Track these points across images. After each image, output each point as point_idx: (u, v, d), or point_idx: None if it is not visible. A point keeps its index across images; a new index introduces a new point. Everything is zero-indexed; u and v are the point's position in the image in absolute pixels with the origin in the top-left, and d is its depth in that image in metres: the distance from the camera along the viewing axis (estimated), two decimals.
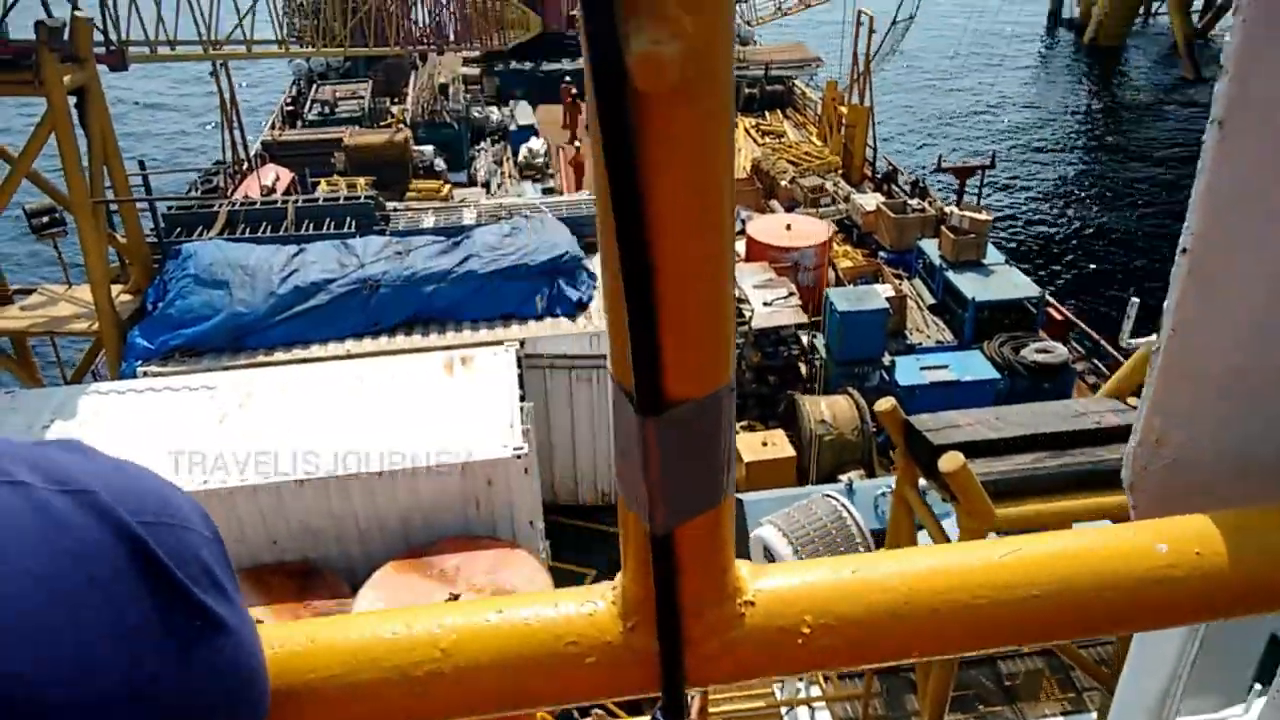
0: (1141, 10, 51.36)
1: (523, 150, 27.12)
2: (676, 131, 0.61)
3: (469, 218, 15.29)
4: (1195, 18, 50.37)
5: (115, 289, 13.34)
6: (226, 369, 12.03)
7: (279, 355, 12.58)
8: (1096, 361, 17.88)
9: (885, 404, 5.76)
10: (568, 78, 32.52)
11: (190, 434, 10.78)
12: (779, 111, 32.54)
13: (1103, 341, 18.03)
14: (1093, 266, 29.64)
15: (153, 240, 14.10)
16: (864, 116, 26.86)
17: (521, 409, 11.18)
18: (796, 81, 33.74)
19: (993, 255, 19.00)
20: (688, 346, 0.68)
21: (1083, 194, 34.90)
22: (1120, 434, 4.76)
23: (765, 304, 17.00)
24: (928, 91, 45.46)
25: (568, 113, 31.23)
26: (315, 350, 12.79)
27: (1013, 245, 29.47)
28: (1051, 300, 18.85)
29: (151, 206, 14.27)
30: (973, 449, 4.88)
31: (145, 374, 11.94)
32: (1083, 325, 18.67)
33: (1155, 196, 34.06)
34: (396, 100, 30.69)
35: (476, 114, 29.70)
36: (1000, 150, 35.97)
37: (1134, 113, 43.07)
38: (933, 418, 5.56)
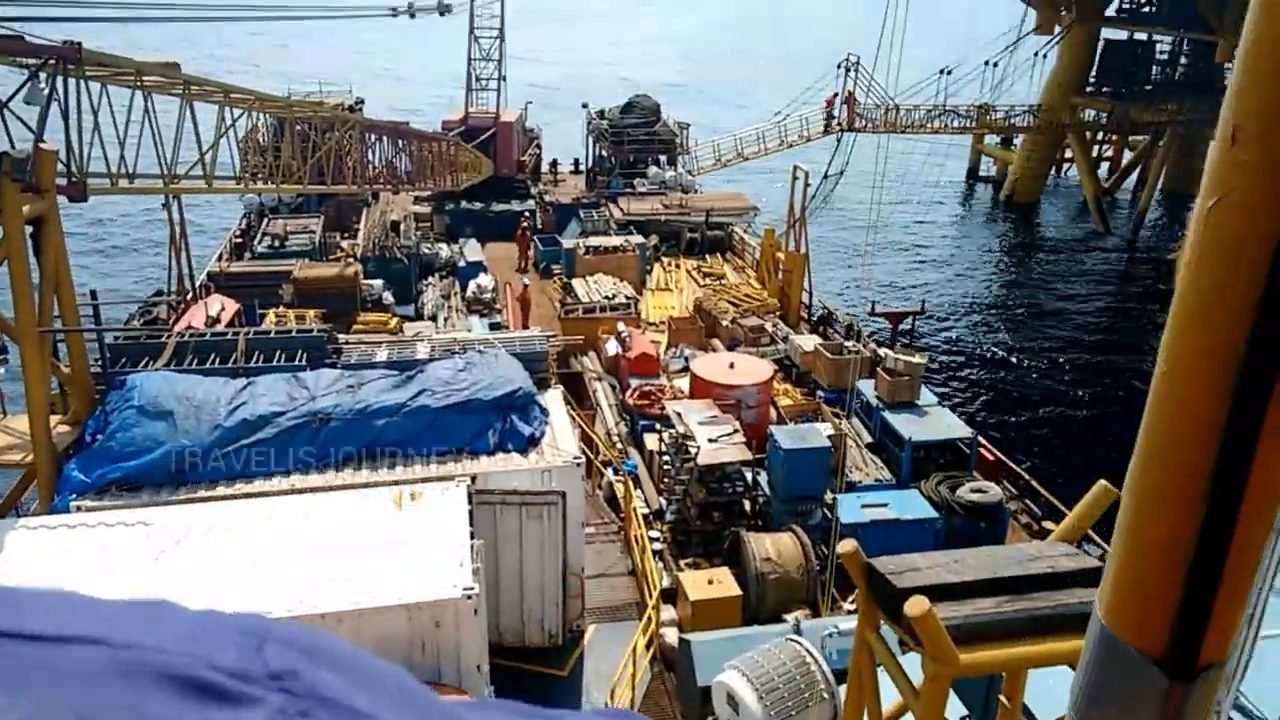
0: (1053, 170, 55.27)
1: (471, 286, 27.61)
2: None
3: (423, 352, 15.42)
4: (1104, 178, 54.43)
5: (53, 419, 13.03)
6: (166, 504, 11.73)
7: (222, 490, 12.31)
8: (1028, 502, 18.41)
9: (847, 546, 5.93)
10: (524, 215, 33.92)
11: (122, 572, 10.37)
12: (719, 255, 33.82)
13: (1033, 482, 18.62)
14: (1018, 409, 30.79)
15: (97, 370, 13.90)
16: (800, 263, 28.11)
17: (472, 547, 11.06)
18: (736, 228, 35.23)
19: (926, 397, 19.69)
20: (1235, 605, 0.70)
21: (1006, 340, 36.57)
22: (1075, 578, 4.99)
23: (710, 440, 17.27)
24: (859, 239, 47.75)
25: (521, 248, 32.29)
26: (260, 485, 12.56)
27: (944, 388, 30.57)
28: (983, 441, 19.49)
29: (99, 336, 14.14)
30: (935, 592, 5.06)
31: (79, 509, 11.57)
32: (1014, 466, 19.28)
33: (1073, 343, 35.85)
34: (347, 235, 31.20)
35: (426, 250, 30.31)
36: (929, 297, 37.76)
37: (1050, 264, 45.73)
38: (894, 560, 5.74)
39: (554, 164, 43.48)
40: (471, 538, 11.16)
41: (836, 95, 40.81)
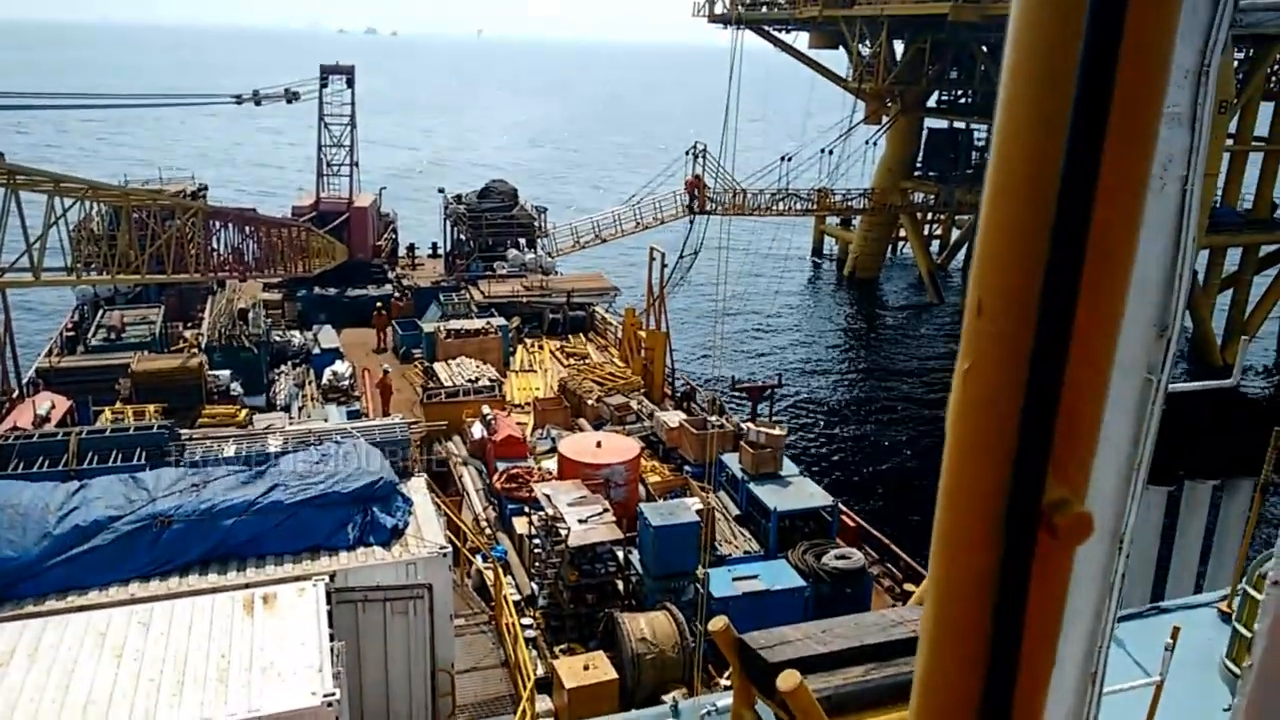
0: (890, 248, 58.91)
1: (327, 373, 26.74)
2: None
3: (274, 444, 14.75)
4: (935, 253, 58.36)
5: None
6: None
7: (51, 604, 11.28)
8: (889, 565, 19.07)
9: (718, 624, 5.99)
10: (379, 302, 33.32)
11: None
12: (582, 335, 34.12)
13: (892, 545, 19.33)
14: (872, 473, 32.08)
15: None
16: (661, 341, 28.68)
17: (332, 649, 10.51)
18: (597, 307, 35.71)
19: (789, 467, 20.26)
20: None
21: (857, 407, 38.24)
22: None
23: (580, 521, 17.14)
24: (714, 315, 49.25)
25: (379, 332, 31.76)
26: (94, 596, 11.59)
27: (804, 457, 31.55)
28: (843, 508, 20.15)
29: None
30: (806, 664, 5.16)
31: None
32: (874, 532, 19.98)
33: (918, 407, 37.81)
34: (191, 324, 29.77)
35: (277, 337, 29.23)
36: (784, 369, 39.16)
37: (893, 334, 48.38)
38: (765, 634, 5.83)
39: (411, 248, 43.12)
40: (332, 639, 10.61)
41: (694, 176, 42.47)
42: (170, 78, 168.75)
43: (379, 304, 33.38)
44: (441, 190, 44.10)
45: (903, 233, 58.42)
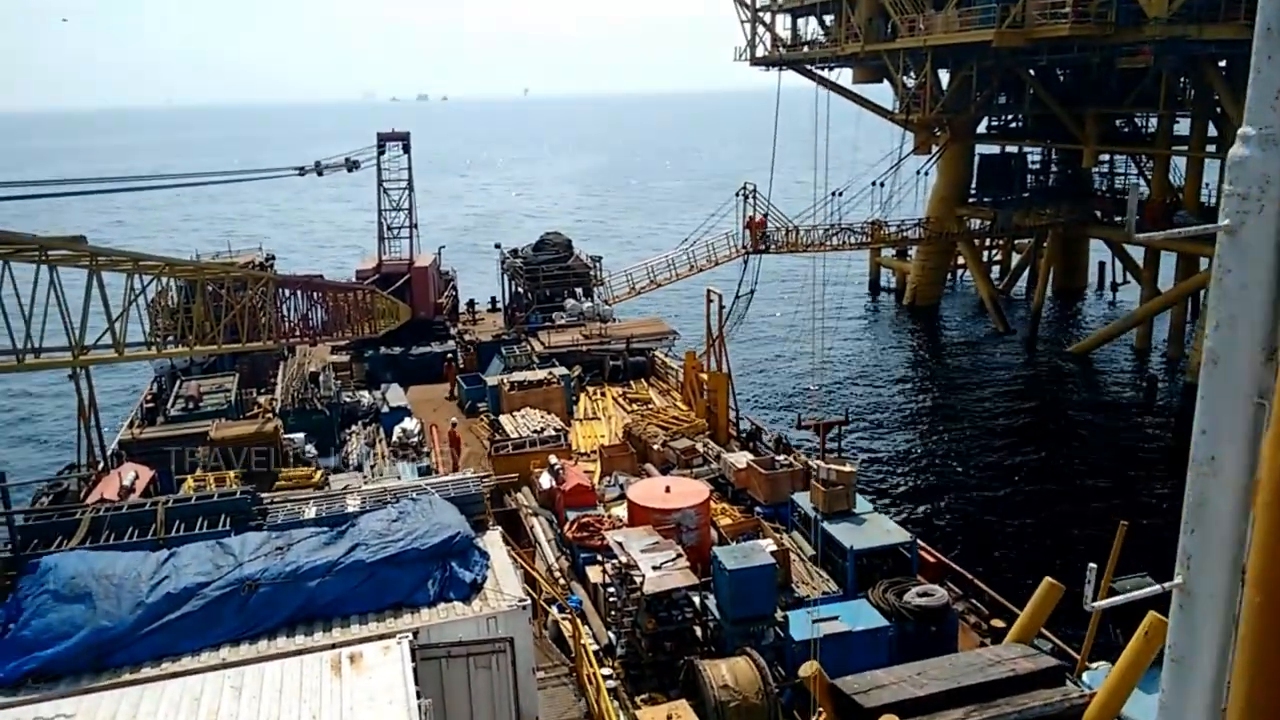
0: (949, 275, 58.11)
1: (396, 431, 27.21)
2: None
3: (353, 504, 15.02)
4: (996, 279, 57.41)
5: None
6: (86, 693, 10.95)
7: (147, 671, 11.55)
8: (974, 601, 18.53)
9: (810, 668, 5.90)
10: (449, 355, 34.60)
11: None
12: (643, 380, 34.21)
13: (976, 581, 18.80)
14: (947, 508, 31.35)
15: (7, 555, 13.12)
16: (723, 382, 28.59)
17: (419, 707, 10.57)
18: (656, 352, 35.81)
19: (861, 504, 19.92)
20: None
21: (927, 440, 37.53)
22: (1036, 679, 5.04)
23: (654, 568, 17.03)
24: (775, 353, 49.00)
25: (451, 383, 33.15)
26: (187, 662, 11.85)
27: (877, 493, 31.02)
28: (922, 544, 19.70)
29: (8, 518, 13.41)
30: (903, 708, 5.05)
31: None
32: (956, 567, 19.47)
33: (989, 438, 36.96)
34: (264, 390, 30.61)
35: (347, 399, 29.89)
36: (850, 404, 38.71)
37: (958, 363, 47.51)
38: (857, 679, 5.73)
39: (471, 304, 43.89)
40: (418, 697, 10.67)
41: (755, 217, 42.63)
42: (238, 154, 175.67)
43: (449, 356, 34.64)
44: (498, 245, 44.92)
45: (961, 260, 57.64)
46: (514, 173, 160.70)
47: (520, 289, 41.46)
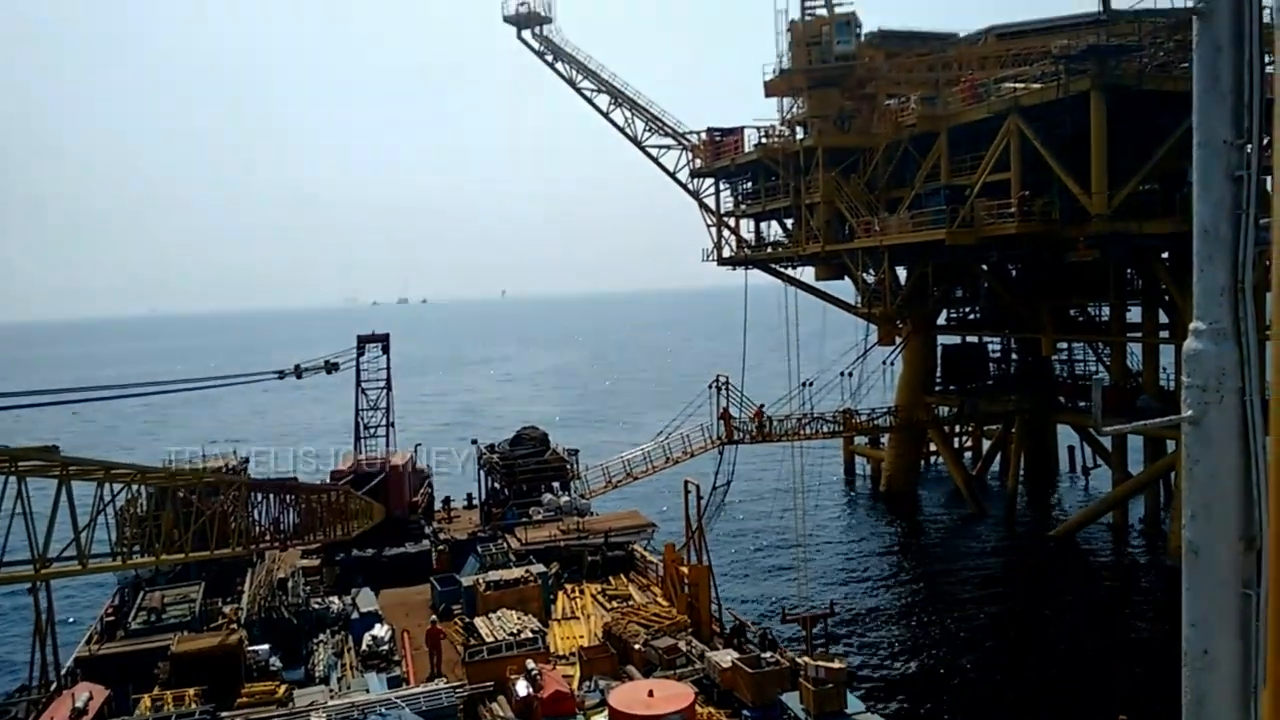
0: (922, 461, 58.56)
1: (366, 639, 26.10)
2: None
3: None
4: (970, 463, 57.86)
5: None
6: None
7: None
8: None
9: None
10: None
11: None
12: (623, 575, 33.43)
13: None
14: (941, 701, 30.11)
15: None
16: (704, 574, 28.00)
17: None
18: (636, 546, 35.23)
19: (853, 704, 19.14)
20: None
21: (914, 629, 36.55)
22: None
23: None
24: (755, 544, 48.34)
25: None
26: None
27: (864, 689, 29.81)
28: None
29: None
30: None
31: None
32: None
33: (975, 626, 36.09)
34: (230, 599, 29.52)
35: (316, 605, 28.83)
36: (834, 592, 37.90)
37: (938, 549, 47.09)
38: None
39: (447, 501, 43.36)
40: None
41: (729, 408, 43.45)
42: (218, 360, 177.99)
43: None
44: (474, 441, 44.96)
45: (933, 446, 58.30)
46: (491, 370, 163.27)
47: (497, 484, 41.16)
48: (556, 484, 41.10)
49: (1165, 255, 42.33)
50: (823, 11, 48.25)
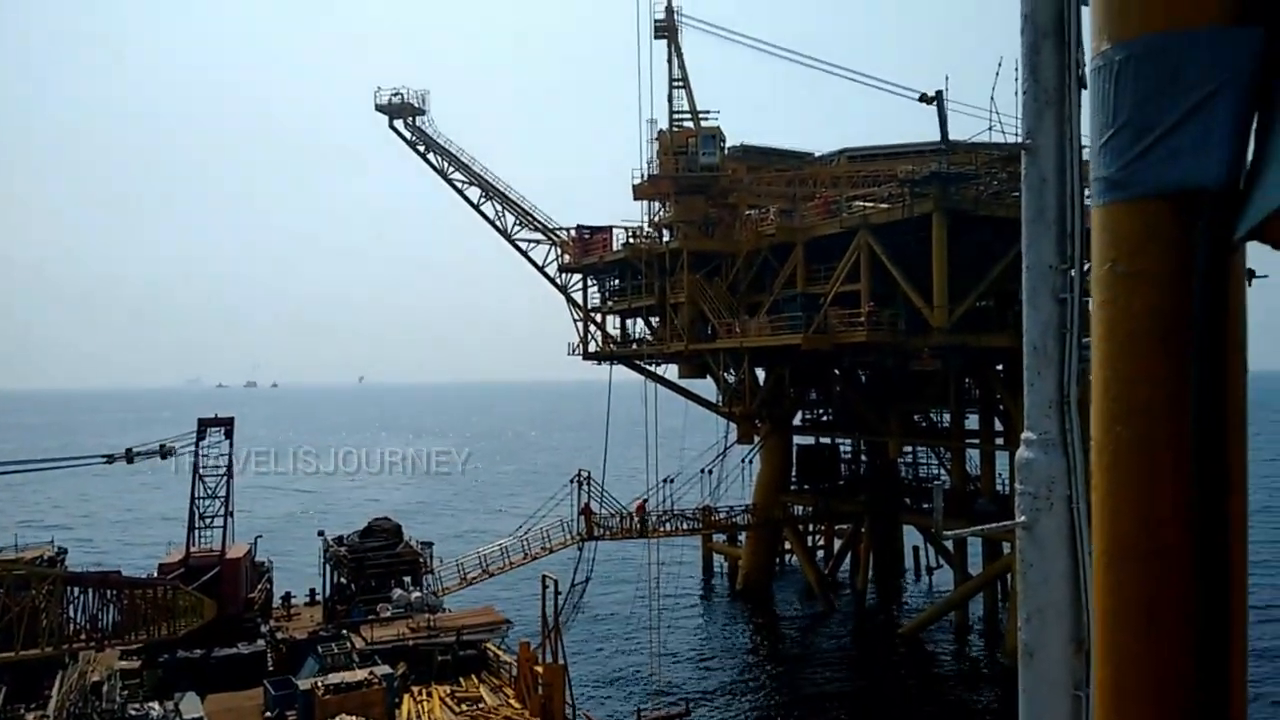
0: (778, 559, 59.53)
1: None
2: None
3: None
4: (822, 562, 59.14)
5: None
6: None
7: None
8: None
9: None
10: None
11: None
12: (474, 676, 32.12)
13: None
14: None
15: None
16: (559, 674, 27.30)
17: None
18: (489, 644, 34.03)
19: None
20: None
21: None
22: None
23: None
24: (614, 641, 47.51)
25: None
26: None
27: None
28: None
29: None
30: None
31: None
32: None
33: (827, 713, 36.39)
34: (35, 706, 26.55)
35: (134, 711, 26.29)
36: (690, 689, 37.52)
37: (791, 646, 47.55)
38: None
39: (287, 597, 40.84)
40: None
41: (589, 503, 43.12)
42: (42, 441, 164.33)
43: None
44: (321, 533, 42.84)
45: (789, 545, 59.41)
46: (344, 457, 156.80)
47: (344, 579, 39.15)
48: (408, 579, 39.48)
49: (1000, 367, 45.41)
50: (689, 124, 50.56)
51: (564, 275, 57.51)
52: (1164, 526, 2.13)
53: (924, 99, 35.96)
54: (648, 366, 55.19)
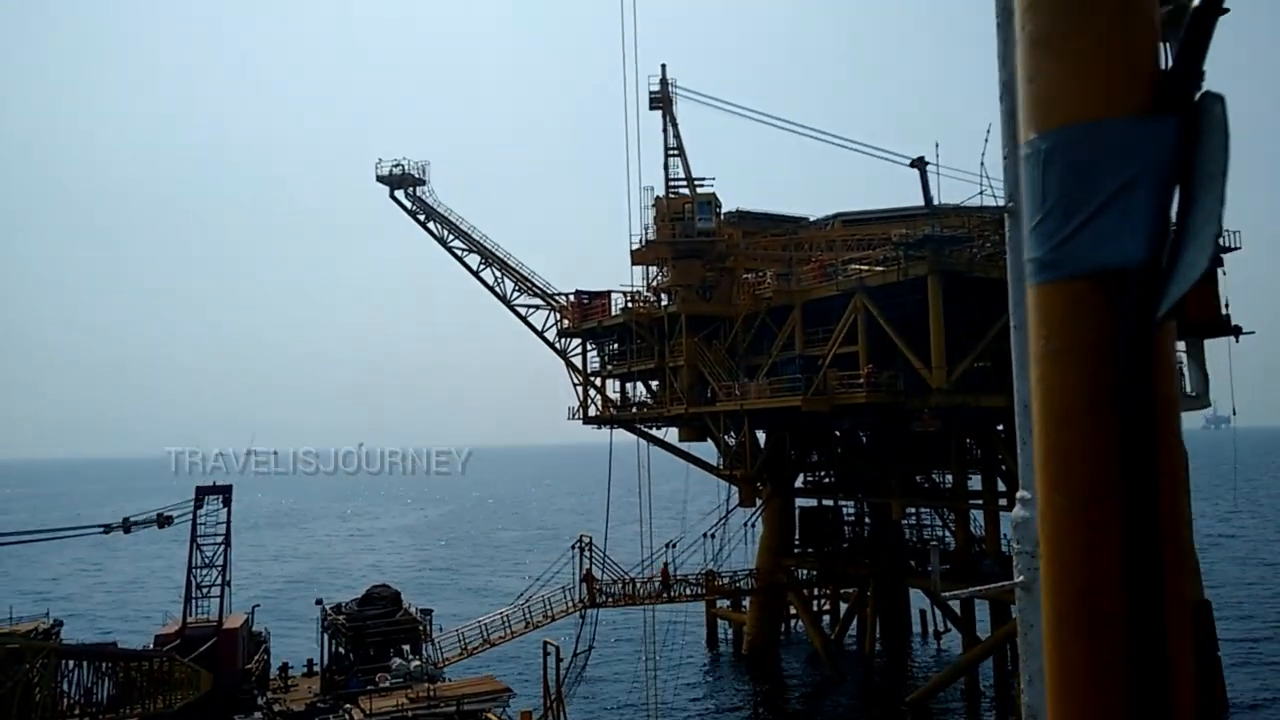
0: (783, 624, 58.64)
1: None
2: None
3: None
4: (828, 626, 58.27)
5: None
6: None
7: None
8: None
9: None
10: None
11: None
12: None
13: None
14: None
15: None
16: None
17: None
18: (490, 714, 33.40)
19: None
20: None
21: None
22: None
23: None
24: (619, 710, 46.59)
25: None
26: None
27: None
28: None
29: None
30: None
31: None
32: None
33: None
34: None
35: None
36: None
37: (796, 714, 46.55)
38: None
39: (284, 668, 40.24)
40: None
41: (590, 569, 42.85)
42: (46, 512, 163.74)
43: None
44: (319, 601, 42.38)
45: (794, 609, 58.60)
46: (345, 525, 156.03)
47: (342, 649, 38.61)
48: (407, 647, 38.93)
49: (1001, 427, 45.34)
50: (685, 190, 51.40)
51: (563, 340, 57.85)
52: (1097, 595, 2.20)
53: (914, 164, 36.70)
54: (648, 430, 55.16)
